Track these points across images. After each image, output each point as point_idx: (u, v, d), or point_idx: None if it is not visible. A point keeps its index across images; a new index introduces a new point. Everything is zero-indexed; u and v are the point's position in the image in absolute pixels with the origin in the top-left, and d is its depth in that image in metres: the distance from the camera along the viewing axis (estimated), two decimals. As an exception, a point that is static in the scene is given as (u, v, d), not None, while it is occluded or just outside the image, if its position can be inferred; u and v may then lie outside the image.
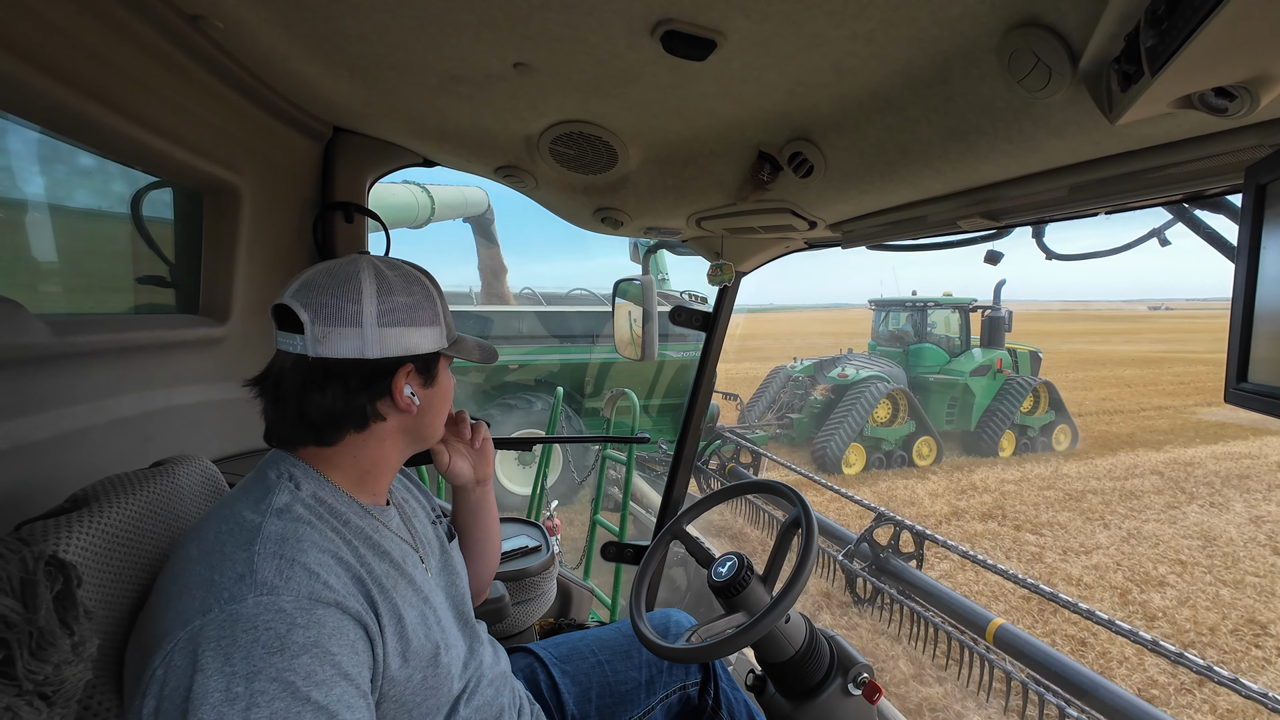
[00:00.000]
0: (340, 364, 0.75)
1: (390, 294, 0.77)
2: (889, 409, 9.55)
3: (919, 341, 11.01)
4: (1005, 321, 10.38)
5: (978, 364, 10.34)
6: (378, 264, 0.80)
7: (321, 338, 0.74)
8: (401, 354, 0.78)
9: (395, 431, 0.83)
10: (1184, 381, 19.40)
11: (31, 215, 1.01)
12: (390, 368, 0.78)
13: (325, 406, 0.75)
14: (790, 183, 1.09)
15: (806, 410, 10.11)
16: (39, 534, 0.64)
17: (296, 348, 0.75)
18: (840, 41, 0.71)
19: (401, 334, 0.78)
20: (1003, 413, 10.15)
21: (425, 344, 0.81)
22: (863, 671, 1.07)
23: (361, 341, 0.75)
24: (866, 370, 9.99)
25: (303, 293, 0.75)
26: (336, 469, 0.79)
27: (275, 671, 0.58)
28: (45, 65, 0.71)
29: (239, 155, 1.14)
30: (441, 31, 0.78)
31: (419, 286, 0.82)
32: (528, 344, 7.14)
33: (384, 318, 0.76)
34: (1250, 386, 0.51)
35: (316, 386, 0.75)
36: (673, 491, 1.91)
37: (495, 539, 1.13)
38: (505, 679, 0.97)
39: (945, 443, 9.99)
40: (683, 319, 1.76)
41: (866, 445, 9.28)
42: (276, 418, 0.78)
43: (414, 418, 0.83)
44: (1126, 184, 0.78)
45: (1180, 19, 0.42)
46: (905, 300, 11.53)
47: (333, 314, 0.74)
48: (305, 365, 0.75)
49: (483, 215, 8.70)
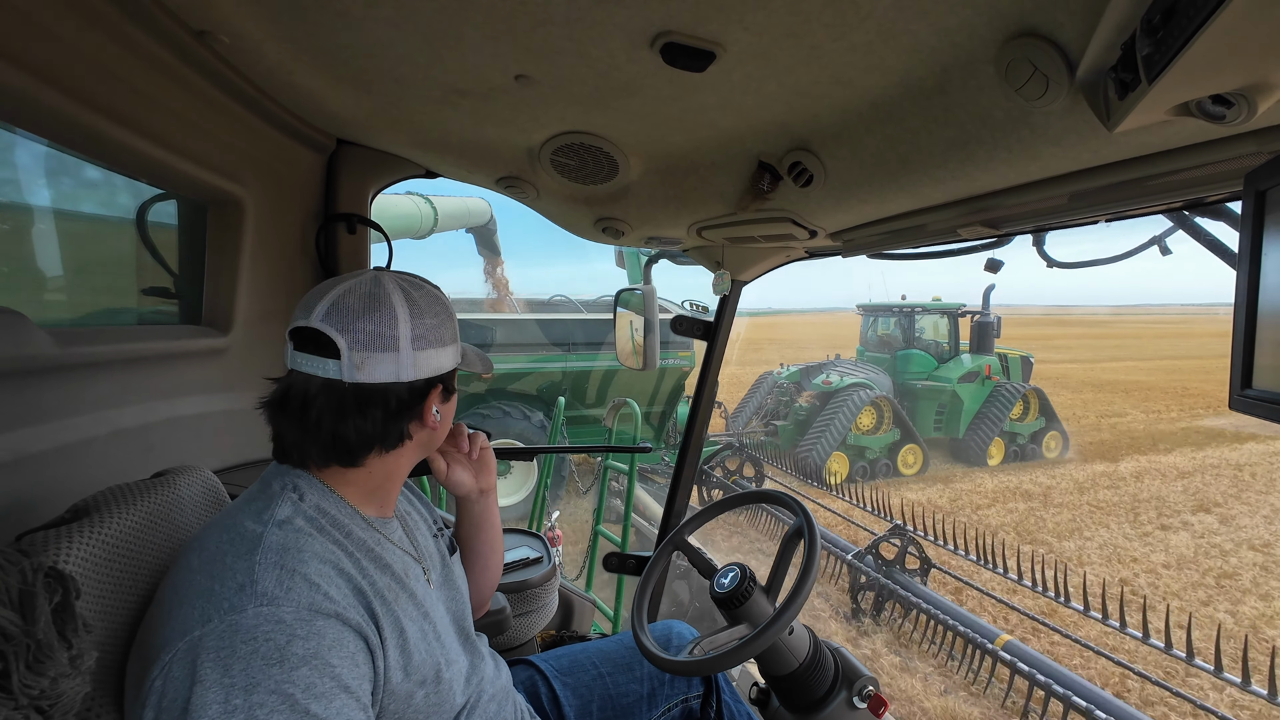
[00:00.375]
0: (378, 388, 0.75)
1: (421, 316, 0.78)
2: (873, 417, 9.40)
3: (907, 347, 10.89)
4: (994, 327, 10.27)
5: (966, 370, 10.22)
6: (402, 284, 0.79)
7: (360, 364, 0.73)
8: (433, 374, 0.79)
9: (414, 447, 0.84)
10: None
11: (36, 226, 1.02)
12: (424, 389, 0.79)
13: (365, 431, 0.75)
14: (790, 192, 1.10)
15: (791, 417, 9.94)
16: (39, 545, 0.64)
17: (329, 373, 0.73)
18: (839, 53, 0.71)
19: (432, 355, 0.79)
20: (991, 420, 10.00)
21: (449, 362, 0.82)
22: (868, 684, 1.05)
23: (398, 366, 0.75)
24: (850, 377, 9.86)
25: (335, 316, 0.73)
26: (351, 485, 0.79)
27: (274, 683, 0.58)
28: (52, 80, 0.72)
29: (243, 167, 1.15)
30: (444, 45, 0.79)
31: (441, 306, 0.82)
32: (501, 353, 7.01)
33: (418, 341, 0.77)
34: (1255, 393, 0.51)
35: (356, 411, 0.74)
36: (675, 502, 1.90)
37: (498, 551, 1.12)
38: (507, 694, 0.96)
39: (932, 451, 9.87)
40: (684, 328, 1.76)
41: (850, 454, 9.13)
42: (303, 440, 0.75)
43: (433, 435, 0.85)
44: (1126, 191, 0.78)
45: (1176, 27, 0.42)
46: (893, 305, 11.39)
47: (371, 339, 0.73)
48: (340, 390, 0.73)
49: (485, 226, 8.74)
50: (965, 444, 10.14)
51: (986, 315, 10.27)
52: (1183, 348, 36.85)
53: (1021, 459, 10.32)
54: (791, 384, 10.53)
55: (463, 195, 7.98)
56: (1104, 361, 29.29)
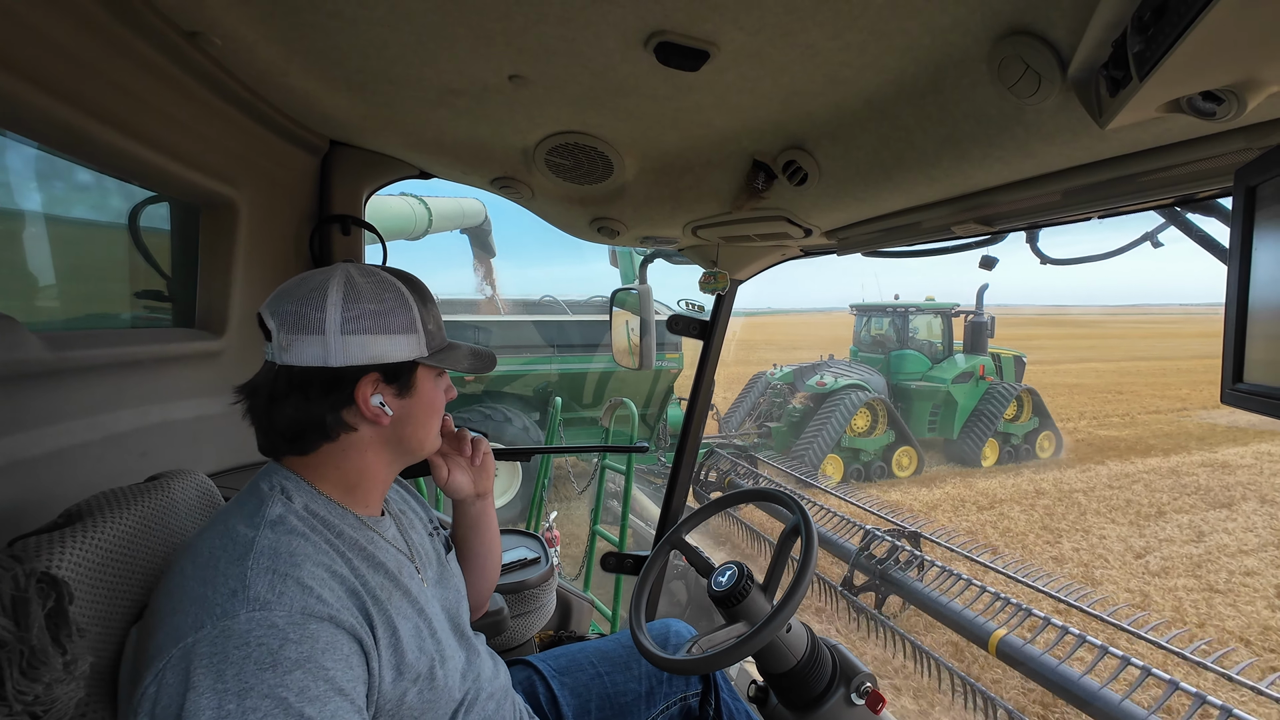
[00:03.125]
0: (303, 372, 0.74)
1: (357, 301, 0.75)
2: (867, 418, 9.29)
3: (901, 347, 10.76)
4: (988, 326, 10.20)
5: (960, 370, 10.12)
6: (352, 271, 0.78)
7: (286, 346, 0.73)
8: (367, 362, 0.76)
9: (374, 443, 0.80)
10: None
11: (28, 230, 1.01)
12: (353, 376, 0.76)
13: (288, 416, 0.75)
14: (785, 191, 1.10)
15: (785, 419, 9.74)
16: (32, 550, 0.63)
17: (268, 355, 0.75)
18: (833, 52, 0.72)
19: (367, 341, 0.76)
20: (985, 420, 9.90)
21: (396, 352, 0.78)
22: (865, 681, 1.06)
23: (324, 349, 0.74)
24: (845, 378, 9.66)
25: (275, 301, 0.75)
26: (323, 479, 0.78)
27: (267, 688, 0.57)
28: (43, 82, 0.72)
29: (236, 169, 1.15)
30: (438, 45, 0.79)
31: (392, 293, 0.79)
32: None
33: (348, 325, 0.74)
34: (1246, 387, 0.51)
35: (281, 396, 0.74)
36: (672, 501, 1.90)
37: (495, 552, 1.12)
38: (506, 693, 0.96)
39: (927, 452, 9.77)
40: (680, 328, 1.76)
41: (844, 456, 9.00)
42: (255, 427, 0.78)
43: (390, 429, 0.80)
44: (1118, 188, 0.78)
45: (1166, 25, 0.42)
46: (886, 305, 11.24)
47: (296, 321, 0.73)
48: (274, 372, 0.75)
49: (479, 226, 8.71)
50: (959, 445, 10.05)
51: (980, 315, 10.21)
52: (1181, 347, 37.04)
53: (1016, 460, 10.23)
54: (785, 385, 10.34)
55: (457, 196, 7.95)
56: (1091, 361, 29.44)
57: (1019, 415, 10.34)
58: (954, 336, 10.66)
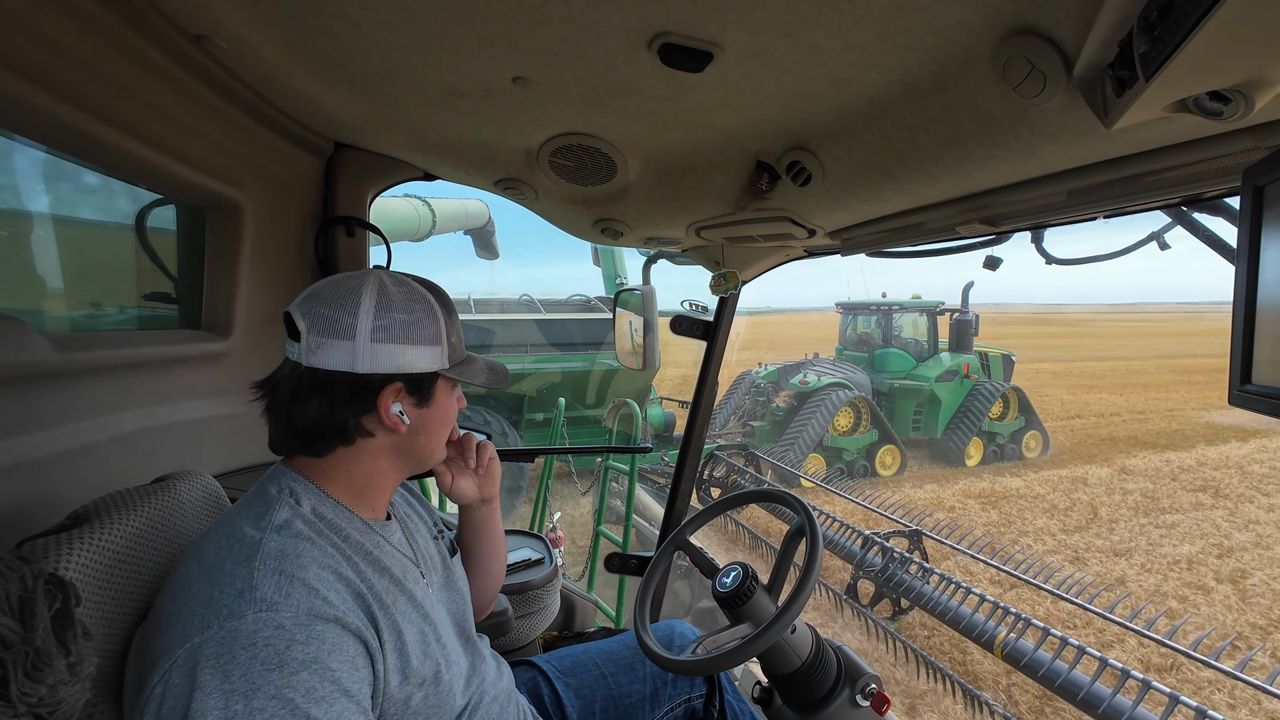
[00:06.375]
0: (329, 376, 0.75)
1: (389, 310, 0.77)
2: (850, 417, 9.21)
3: (885, 346, 10.67)
4: (973, 325, 10.12)
5: (944, 369, 10.02)
6: (384, 279, 0.79)
7: (315, 348, 0.74)
8: (392, 371, 0.77)
9: (387, 449, 0.81)
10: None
11: (35, 232, 1.02)
12: (378, 384, 0.77)
13: (309, 417, 0.75)
14: (789, 192, 1.10)
15: (768, 418, 9.68)
16: (39, 552, 0.64)
17: (294, 355, 0.76)
18: (837, 52, 0.71)
19: (395, 351, 0.77)
20: (970, 419, 9.80)
21: (421, 363, 0.79)
22: (870, 682, 1.05)
23: (352, 355, 0.75)
24: (828, 377, 9.59)
25: (306, 302, 0.76)
26: (332, 482, 0.79)
27: (274, 689, 0.58)
28: (50, 85, 0.72)
29: (241, 171, 1.15)
30: (441, 47, 0.79)
31: (422, 304, 0.80)
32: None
33: (378, 333, 0.76)
34: (1255, 388, 0.51)
35: (304, 396, 0.75)
36: (675, 502, 1.90)
37: (500, 556, 1.12)
38: (510, 695, 0.96)
39: (910, 451, 9.70)
40: (684, 328, 1.76)
41: (827, 455, 8.94)
42: (271, 424, 0.78)
43: (405, 438, 0.81)
44: (1124, 188, 0.78)
45: (1173, 24, 0.42)
46: (872, 303, 11.14)
47: (328, 325, 0.74)
48: (299, 373, 0.75)
49: (483, 227, 8.72)
50: (944, 444, 9.94)
51: (965, 313, 10.12)
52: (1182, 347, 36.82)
53: (1001, 459, 10.12)
54: (769, 384, 10.25)
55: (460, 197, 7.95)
56: (1081, 360, 29.26)
57: (1005, 414, 10.24)
58: (939, 335, 10.54)
